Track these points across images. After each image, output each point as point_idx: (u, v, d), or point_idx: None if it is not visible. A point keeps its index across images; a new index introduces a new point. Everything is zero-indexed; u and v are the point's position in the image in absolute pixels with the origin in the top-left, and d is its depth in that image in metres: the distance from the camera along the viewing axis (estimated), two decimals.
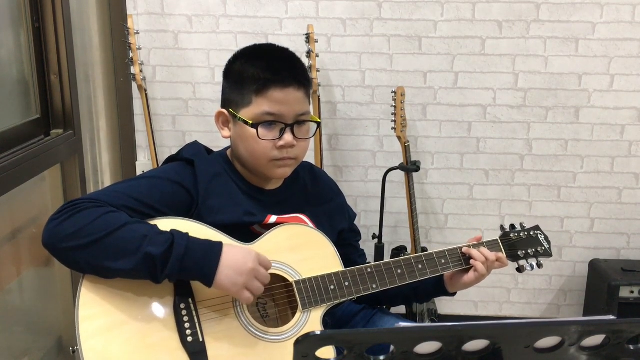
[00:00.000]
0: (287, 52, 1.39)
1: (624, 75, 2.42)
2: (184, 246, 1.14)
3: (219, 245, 1.18)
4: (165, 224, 1.21)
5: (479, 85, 2.45)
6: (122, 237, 1.13)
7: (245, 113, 1.31)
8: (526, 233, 1.50)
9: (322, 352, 0.78)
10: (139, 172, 2.54)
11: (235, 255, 1.17)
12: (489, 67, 2.43)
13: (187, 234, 1.17)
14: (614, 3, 2.35)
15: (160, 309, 1.17)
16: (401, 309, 2.35)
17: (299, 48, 1.44)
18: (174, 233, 1.16)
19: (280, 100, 1.29)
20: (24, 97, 2.02)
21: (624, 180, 2.52)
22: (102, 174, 2.45)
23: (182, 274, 1.15)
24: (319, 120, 1.38)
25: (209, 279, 1.15)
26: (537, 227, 1.53)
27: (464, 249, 1.41)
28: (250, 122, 1.30)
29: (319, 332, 0.77)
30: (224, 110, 1.37)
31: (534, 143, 2.50)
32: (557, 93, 2.45)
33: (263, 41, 2.41)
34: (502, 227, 1.51)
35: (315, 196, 1.47)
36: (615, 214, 2.56)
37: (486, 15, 2.39)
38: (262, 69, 1.30)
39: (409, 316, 2.32)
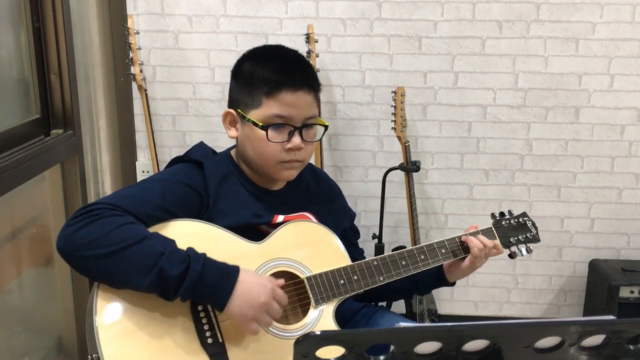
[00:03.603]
0: (298, 55, 1.40)
1: (624, 75, 2.42)
2: (198, 271, 1.13)
3: (235, 272, 1.17)
4: (180, 226, 1.21)
5: (479, 85, 2.45)
6: (138, 252, 1.12)
7: (255, 114, 1.31)
8: (515, 220, 1.55)
9: (322, 352, 0.78)
10: (139, 172, 2.54)
11: (250, 287, 1.16)
12: (489, 67, 2.43)
13: (204, 255, 1.16)
14: (614, 3, 2.35)
15: (177, 312, 1.17)
16: (401, 309, 2.35)
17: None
18: (190, 254, 1.15)
19: (290, 103, 1.30)
20: (24, 97, 2.02)
21: (624, 180, 2.52)
22: (102, 174, 2.45)
23: (195, 297, 1.15)
24: (327, 124, 1.39)
25: (220, 307, 1.15)
26: (524, 214, 1.57)
27: (463, 237, 1.44)
28: (260, 123, 1.30)
29: (319, 332, 0.77)
30: (232, 111, 1.37)
31: (534, 143, 2.50)
32: (557, 93, 2.45)
33: (263, 41, 2.41)
34: (492, 215, 1.55)
35: (318, 196, 1.48)
36: (615, 214, 2.56)
37: (486, 15, 2.39)
38: (274, 71, 1.30)
39: (409, 316, 2.32)
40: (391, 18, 2.40)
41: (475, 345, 0.82)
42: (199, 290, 1.13)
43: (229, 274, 1.16)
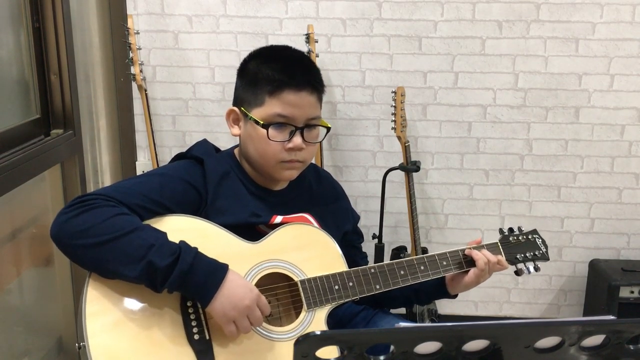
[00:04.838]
0: (304, 56, 1.40)
1: (624, 75, 2.42)
2: (189, 263, 1.13)
3: (224, 270, 1.17)
4: (176, 221, 1.21)
5: (479, 85, 2.45)
6: (129, 243, 1.12)
7: (257, 113, 1.32)
8: (524, 237, 1.50)
9: (322, 352, 0.78)
10: (138, 172, 2.54)
11: (236, 288, 1.17)
12: (489, 67, 2.43)
13: (195, 249, 1.16)
14: (614, 3, 2.35)
15: (167, 307, 1.17)
16: (401, 309, 2.35)
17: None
18: (182, 246, 1.15)
19: (293, 102, 1.30)
20: (24, 97, 2.02)
21: (624, 180, 2.52)
22: (102, 174, 2.45)
23: (181, 289, 1.15)
24: (329, 126, 1.39)
25: (204, 302, 1.16)
26: (534, 231, 1.53)
27: (466, 251, 1.41)
28: (262, 122, 1.30)
29: (319, 332, 0.77)
30: (236, 108, 1.38)
31: (534, 143, 2.50)
32: (557, 93, 2.45)
33: (263, 41, 2.41)
34: (500, 230, 1.52)
35: (320, 197, 1.48)
36: (615, 214, 2.56)
37: (486, 15, 2.39)
38: (278, 71, 1.31)
39: (409, 316, 2.32)
40: (391, 18, 2.40)
41: (475, 345, 0.82)
42: (187, 282, 1.13)
43: (217, 270, 1.17)
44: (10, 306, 2.02)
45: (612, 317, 0.86)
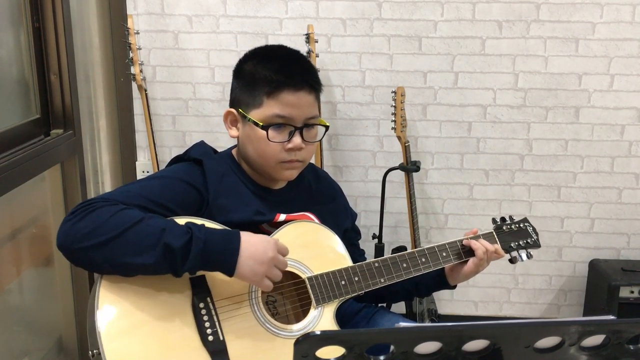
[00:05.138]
0: (300, 55, 1.40)
1: (624, 75, 2.42)
2: (202, 239, 1.14)
3: (237, 234, 1.18)
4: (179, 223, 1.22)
5: (479, 85, 2.45)
6: (140, 232, 1.13)
7: (256, 114, 1.32)
8: (516, 225, 1.55)
9: (322, 352, 0.78)
10: (139, 172, 2.55)
11: (255, 245, 1.18)
12: (489, 67, 2.43)
13: (203, 225, 1.17)
14: (614, 3, 2.35)
15: (178, 309, 1.17)
16: (402, 309, 2.35)
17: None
18: (190, 226, 1.16)
19: (291, 103, 1.30)
20: (24, 97, 2.01)
21: (624, 180, 2.52)
22: (102, 174, 2.45)
23: (204, 266, 1.16)
24: (328, 124, 1.39)
25: (230, 270, 1.16)
26: (525, 219, 1.58)
27: (464, 241, 1.44)
28: (261, 123, 1.30)
29: (319, 332, 0.77)
30: (233, 110, 1.38)
31: (534, 143, 2.50)
32: (557, 93, 2.45)
33: (263, 41, 2.41)
34: (494, 220, 1.56)
35: (319, 195, 1.49)
36: (615, 214, 2.56)
37: (486, 15, 2.39)
38: (275, 71, 1.31)
39: (409, 316, 2.32)
40: (391, 18, 2.40)
41: (475, 345, 0.82)
42: (206, 256, 1.14)
43: (231, 235, 1.18)
44: (10, 306, 2.02)
45: (612, 317, 0.86)
